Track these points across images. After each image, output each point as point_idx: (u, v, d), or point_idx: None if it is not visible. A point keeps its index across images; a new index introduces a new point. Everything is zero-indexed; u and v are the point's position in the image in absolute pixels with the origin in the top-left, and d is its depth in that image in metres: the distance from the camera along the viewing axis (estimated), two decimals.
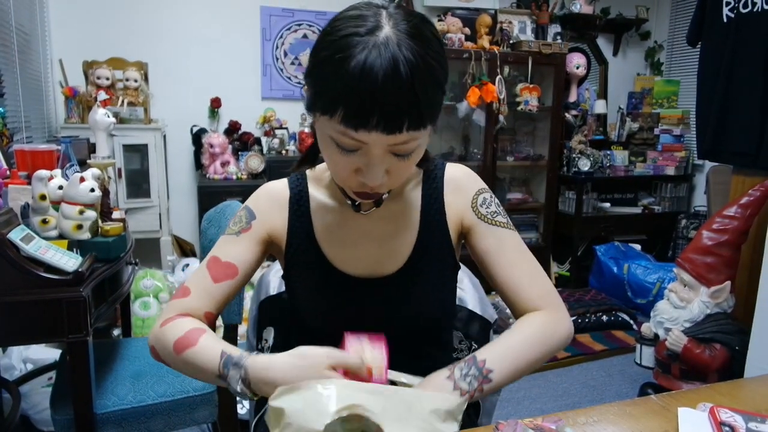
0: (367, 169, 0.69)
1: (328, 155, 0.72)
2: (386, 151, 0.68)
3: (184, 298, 0.82)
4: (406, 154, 0.70)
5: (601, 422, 0.72)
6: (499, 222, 0.86)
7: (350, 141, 0.67)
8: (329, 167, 0.76)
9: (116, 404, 1.34)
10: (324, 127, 0.69)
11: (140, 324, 2.57)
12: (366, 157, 0.68)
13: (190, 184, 3.42)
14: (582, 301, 3.22)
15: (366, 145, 0.67)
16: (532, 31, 3.63)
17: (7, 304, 1.18)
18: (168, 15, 3.20)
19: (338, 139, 0.67)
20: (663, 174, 3.87)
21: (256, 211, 0.87)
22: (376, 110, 0.62)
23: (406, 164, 0.71)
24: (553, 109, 3.57)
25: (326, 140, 0.70)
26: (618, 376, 2.57)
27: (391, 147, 0.68)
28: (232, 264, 0.83)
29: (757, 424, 0.69)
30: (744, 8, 2.24)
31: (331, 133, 0.68)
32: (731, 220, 2.19)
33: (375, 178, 0.69)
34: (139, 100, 2.93)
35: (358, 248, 0.85)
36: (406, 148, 0.69)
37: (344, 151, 0.68)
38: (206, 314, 0.82)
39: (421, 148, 0.72)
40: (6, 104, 2.16)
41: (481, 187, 0.88)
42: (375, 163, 0.68)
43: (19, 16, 2.43)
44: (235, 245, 0.85)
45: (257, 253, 0.86)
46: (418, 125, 0.66)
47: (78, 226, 1.35)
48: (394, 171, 0.71)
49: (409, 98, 0.63)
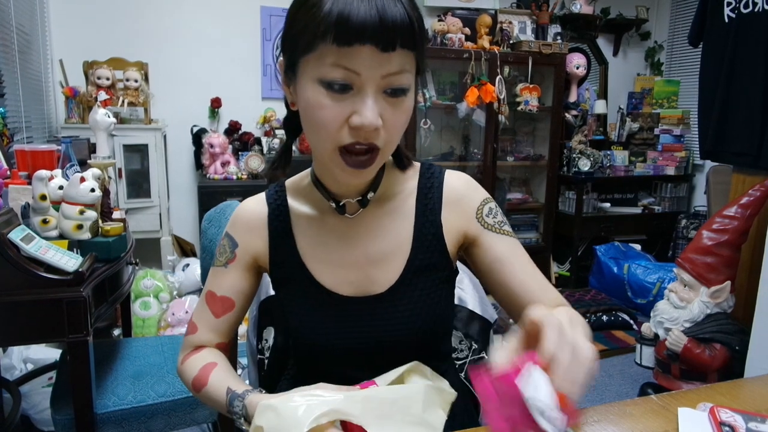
0: (362, 107, 0.65)
1: (313, 111, 0.67)
2: (378, 90, 0.65)
3: (194, 334, 0.85)
4: (399, 90, 0.67)
5: (601, 422, 0.72)
6: (507, 231, 0.83)
7: (342, 72, 0.63)
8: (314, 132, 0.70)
9: (116, 404, 1.34)
10: (309, 73, 0.66)
11: (140, 324, 2.57)
12: (359, 97, 0.65)
13: (191, 184, 3.42)
14: (582, 301, 3.23)
15: (358, 77, 0.64)
16: (532, 31, 3.64)
17: (7, 304, 1.18)
18: (168, 15, 3.21)
19: (328, 74, 0.64)
20: (663, 174, 3.87)
21: (236, 237, 0.85)
22: (368, 23, 0.61)
23: (398, 111, 0.68)
24: (553, 109, 3.58)
25: (312, 92, 0.66)
26: (618, 376, 2.57)
27: (384, 80, 0.65)
28: (227, 298, 0.84)
29: (757, 424, 0.69)
30: (745, 8, 2.24)
31: (319, 72, 0.64)
32: (731, 220, 2.19)
33: (369, 113, 0.64)
34: (140, 100, 2.94)
35: (347, 268, 0.81)
36: (398, 81, 0.66)
37: (335, 92, 0.65)
38: (217, 345, 0.85)
39: (410, 100, 0.69)
40: (6, 104, 2.16)
41: (485, 197, 0.85)
42: (369, 97, 0.65)
43: (19, 16, 2.44)
44: (226, 277, 0.84)
45: (249, 280, 0.85)
46: (410, 43, 0.65)
47: (78, 226, 1.35)
48: (387, 119, 0.67)
49: (400, 11, 0.63)
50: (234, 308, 0.84)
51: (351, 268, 0.81)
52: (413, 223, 0.82)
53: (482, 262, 0.83)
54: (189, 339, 0.86)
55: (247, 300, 0.86)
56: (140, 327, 2.56)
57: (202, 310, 0.85)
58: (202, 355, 0.83)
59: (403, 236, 0.82)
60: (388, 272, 0.81)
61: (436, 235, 0.82)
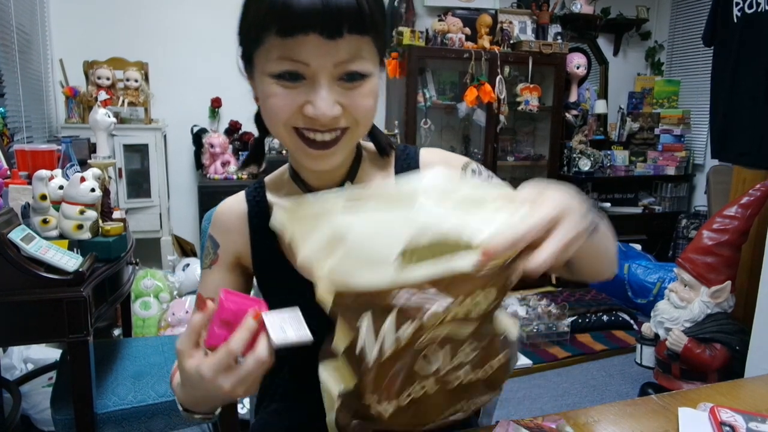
0: (315, 96, 0.62)
1: (268, 102, 0.65)
2: (333, 78, 0.63)
3: None
4: (355, 76, 0.63)
5: (601, 422, 0.72)
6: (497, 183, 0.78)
7: (289, 64, 0.61)
8: (269, 120, 0.67)
9: (117, 404, 1.34)
10: (261, 67, 0.64)
11: (140, 324, 2.57)
12: (311, 87, 0.63)
13: (191, 184, 3.42)
14: (582, 301, 3.23)
15: (308, 68, 0.61)
16: (532, 31, 3.63)
17: (8, 304, 1.18)
18: (168, 15, 3.20)
19: (276, 68, 0.62)
20: (663, 174, 3.87)
21: (217, 237, 0.83)
22: (311, 10, 0.58)
23: (359, 95, 0.65)
24: (554, 109, 3.57)
25: (265, 85, 0.64)
26: (618, 376, 2.56)
27: (338, 68, 0.62)
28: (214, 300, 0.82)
29: (757, 424, 0.69)
30: (749, 8, 2.24)
31: (269, 65, 0.63)
32: (732, 220, 2.19)
33: (323, 104, 0.62)
34: (140, 100, 2.94)
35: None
36: (352, 68, 0.63)
37: (286, 82, 0.62)
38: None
39: (373, 83, 0.66)
40: (6, 104, 2.16)
41: (464, 161, 0.81)
42: (321, 86, 0.62)
43: (19, 16, 2.44)
44: (212, 280, 0.82)
45: (236, 280, 0.82)
46: (359, 28, 0.61)
47: (78, 226, 1.35)
48: (347, 103, 0.64)
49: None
50: None
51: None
52: None
53: None
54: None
55: None
56: (140, 327, 2.56)
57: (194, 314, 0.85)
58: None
59: None
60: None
61: None
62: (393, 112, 3.54)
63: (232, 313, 0.56)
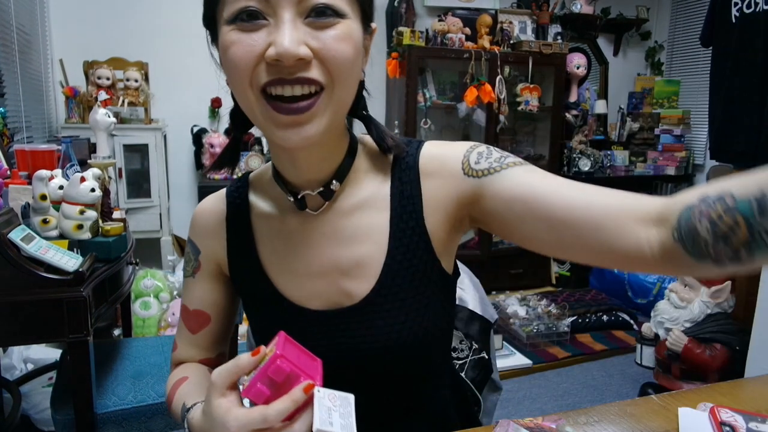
0: (277, 35, 0.53)
1: (225, 55, 0.57)
2: (298, 14, 0.54)
3: (175, 351, 0.79)
4: (325, 11, 0.54)
5: (601, 422, 0.72)
6: (511, 163, 0.64)
7: (247, 1, 0.54)
8: (233, 84, 0.59)
9: (117, 404, 1.34)
10: (222, 19, 0.57)
11: (140, 324, 2.57)
12: (273, 27, 0.54)
13: (191, 184, 3.42)
14: (582, 301, 3.23)
15: (267, 3, 0.53)
16: (532, 31, 3.63)
17: (8, 304, 1.18)
18: (168, 15, 3.20)
19: (234, 6, 0.54)
20: (663, 174, 3.86)
21: (197, 242, 0.75)
22: None
23: (331, 38, 0.55)
24: (554, 109, 3.57)
25: (224, 36, 0.56)
26: (618, 376, 2.56)
27: (301, 5, 0.54)
28: (201, 311, 0.75)
29: (757, 424, 0.69)
30: (747, 8, 2.24)
31: (228, 10, 0.55)
32: None
33: (285, 40, 0.52)
34: (140, 100, 2.94)
35: (314, 279, 0.68)
36: (317, 2, 0.54)
37: (244, 24, 0.54)
38: (201, 361, 0.78)
39: (349, 26, 0.56)
40: (6, 104, 2.16)
41: (468, 146, 0.67)
42: (283, 22, 0.53)
43: (19, 16, 2.43)
44: (195, 289, 0.75)
45: (221, 289, 0.76)
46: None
47: (78, 226, 1.35)
48: (317, 47, 0.55)
49: None
50: (210, 322, 0.75)
51: (318, 279, 0.68)
52: (389, 218, 0.67)
53: (499, 215, 0.62)
54: (173, 356, 0.80)
55: (224, 312, 0.77)
56: (140, 327, 2.56)
57: (180, 326, 0.78)
58: (176, 372, 0.76)
59: (378, 234, 0.67)
60: (362, 280, 0.67)
61: (417, 226, 0.66)
62: (393, 112, 3.54)
63: (284, 375, 0.51)
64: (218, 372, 0.54)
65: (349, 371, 0.65)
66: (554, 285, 3.72)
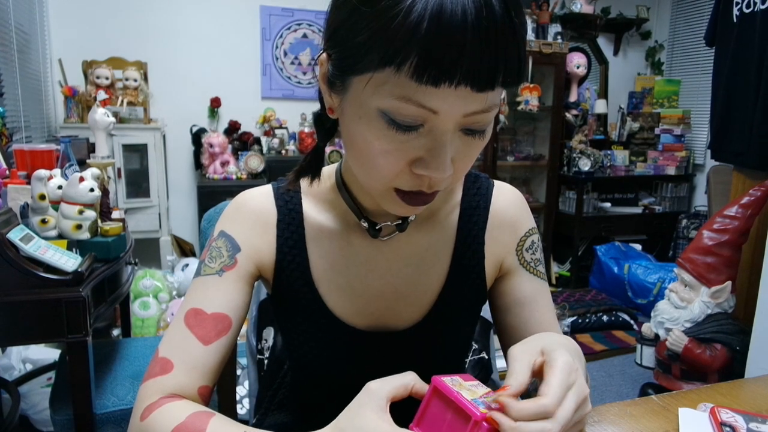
0: (434, 155, 0.49)
1: (366, 144, 0.51)
2: (458, 127, 0.50)
3: (165, 374, 0.58)
4: (480, 131, 0.51)
5: (601, 422, 0.71)
6: (540, 272, 0.73)
7: (415, 110, 0.47)
8: (362, 166, 0.54)
9: (116, 404, 1.34)
10: (368, 99, 0.49)
11: (140, 324, 2.57)
12: (430, 137, 0.49)
13: (190, 184, 3.42)
14: (582, 301, 3.22)
15: (435, 116, 0.48)
16: (532, 30, 3.63)
17: (7, 304, 1.18)
18: (168, 15, 3.20)
19: (396, 110, 0.48)
20: (663, 174, 3.86)
21: (239, 239, 0.66)
22: (465, 54, 0.44)
23: (474, 149, 0.52)
24: (554, 108, 3.57)
25: (368, 122, 0.50)
26: (618, 376, 2.56)
27: (466, 119, 0.49)
28: (223, 315, 0.62)
29: (758, 425, 0.68)
30: (747, 8, 2.24)
31: (382, 101, 0.48)
32: (732, 220, 2.19)
33: (443, 165, 0.49)
34: (139, 99, 2.93)
35: (368, 298, 0.67)
36: (483, 120, 0.50)
37: (400, 130, 0.48)
38: (200, 391, 0.60)
39: (490, 132, 0.53)
40: (5, 104, 2.16)
41: (531, 227, 0.73)
42: (445, 143, 0.49)
43: (18, 15, 2.43)
44: (220, 289, 0.63)
45: (248, 294, 0.66)
46: (514, 77, 0.48)
47: (77, 226, 1.35)
48: (459, 160, 0.52)
49: (506, 37, 0.45)
50: (229, 330, 0.63)
51: (373, 299, 0.68)
52: (452, 249, 0.69)
53: (504, 301, 0.72)
54: (154, 382, 0.58)
55: (240, 321, 0.66)
56: (139, 327, 2.56)
57: (178, 339, 0.60)
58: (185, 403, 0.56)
59: (439, 265, 0.69)
60: (415, 307, 0.68)
61: (477, 267, 0.70)
62: None
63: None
64: (380, 383, 0.49)
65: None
66: (554, 285, 3.72)
